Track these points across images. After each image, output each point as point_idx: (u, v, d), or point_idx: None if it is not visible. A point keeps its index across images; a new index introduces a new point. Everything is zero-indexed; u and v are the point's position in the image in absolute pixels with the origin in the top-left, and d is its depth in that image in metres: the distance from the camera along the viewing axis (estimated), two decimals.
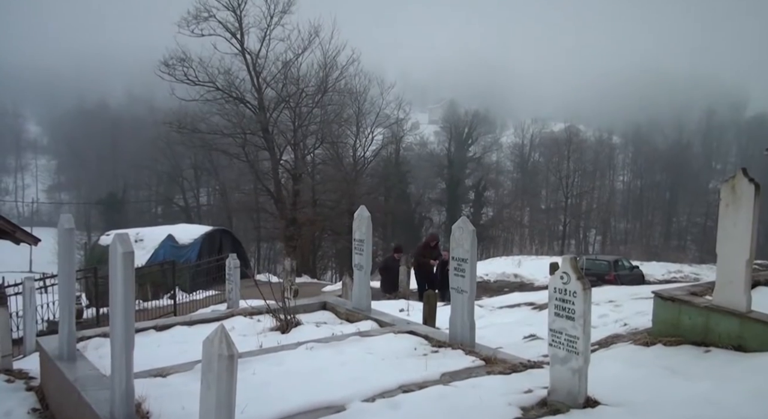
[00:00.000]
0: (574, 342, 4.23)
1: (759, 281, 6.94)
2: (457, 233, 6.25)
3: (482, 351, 5.83)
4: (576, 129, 78.39)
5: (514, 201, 69.39)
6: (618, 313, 8.60)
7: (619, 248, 59.89)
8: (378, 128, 46.86)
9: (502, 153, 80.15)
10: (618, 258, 26.14)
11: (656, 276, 27.77)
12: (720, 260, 5.68)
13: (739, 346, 5.27)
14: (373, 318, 7.47)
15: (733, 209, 5.50)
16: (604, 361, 5.31)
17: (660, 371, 4.87)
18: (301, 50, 34.92)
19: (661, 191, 79.18)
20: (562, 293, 4.34)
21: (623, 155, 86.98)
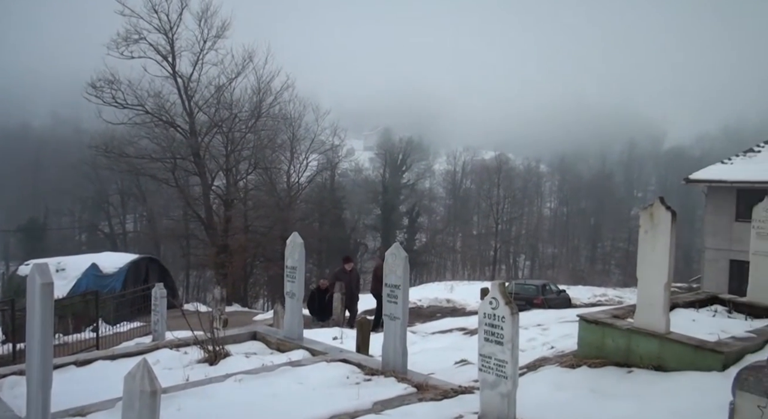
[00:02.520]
0: (503, 366, 4.30)
1: (677, 304, 7.27)
2: (390, 259, 6.28)
3: (414, 378, 5.83)
4: (506, 157, 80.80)
5: (447, 227, 70.53)
6: (545, 336, 8.81)
7: (547, 273, 61.65)
8: (313, 154, 46.74)
9: (435, 180, 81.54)
10: (546, 283, 26.85)
11: (582, 300, 28.69)
12: (640, 283, 5.92)
13: (659, 366, 5.48)
14: (305, 346, 7.35)
15: (652, 236, 5.76)
16: (532, 384, 5.41)
17: (585, 392, 5.00)
18: (235, 75, 34.62)
19: (586, 217, 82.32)
20: (491, 319, 4.41)
21: (550, 183, 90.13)
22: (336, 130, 49.69)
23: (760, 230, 7.66)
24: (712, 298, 8.01)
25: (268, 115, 36.50)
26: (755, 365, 2.93)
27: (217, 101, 34.55)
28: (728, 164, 26.36)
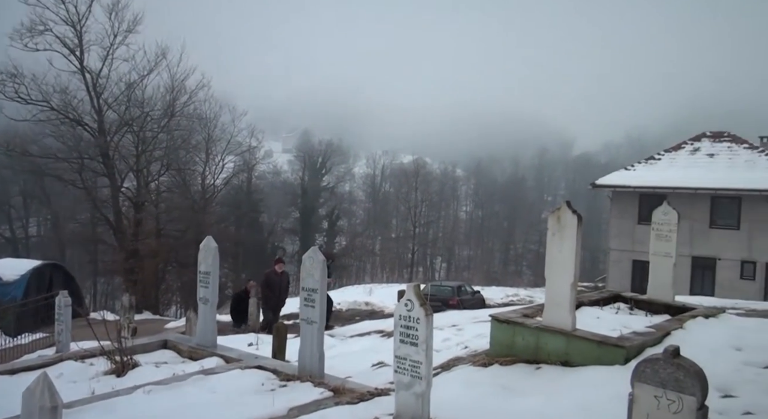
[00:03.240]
0: (418, 367, 4.35)
1: (583, 302, 7.63)
2: (307, 263, 6.23)
3: (331, 382, 5.81)
4: (423, 161, 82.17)
5: (366, 230, 70.86)
6: (460, 336, 9.00)
7: (463, 274, 63.14)
8: (229, 156, 45.75)
9: (354, 183, 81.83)
10: (461, 284, 27.48)
11: (496, 300, 29.57)
12: (548, 283, 6.16)
13: (566, 362, 5.73)
14: (219, 354, 7.16)
15: (559, 238, 6.01)
16: (446, 383, 5.51)
17: (496, 389, 5.15)
18: (147, 72, 33.34)
19: (500, 220, 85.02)
20: (407, 320, 4.46)
21: (466, 187, 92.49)
22: (253, 131, 48.98)
23: (659, 232, 8.16)
24: (615, 296, 8.45)
25: (182, 114, 35.42)
26: (652, 358, 3.11)
27: (127, 99, 33.13)
28: (631, 171, 27.98)
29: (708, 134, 28.73)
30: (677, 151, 28.34)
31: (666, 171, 26.88)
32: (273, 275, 13.71)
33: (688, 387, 2.93)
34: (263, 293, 14.01)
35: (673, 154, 28.19)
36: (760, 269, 24.89)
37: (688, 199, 25.06)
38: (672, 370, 2.98)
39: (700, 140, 28.56)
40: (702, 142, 28.32)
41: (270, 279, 13.67)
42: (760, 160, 26.15)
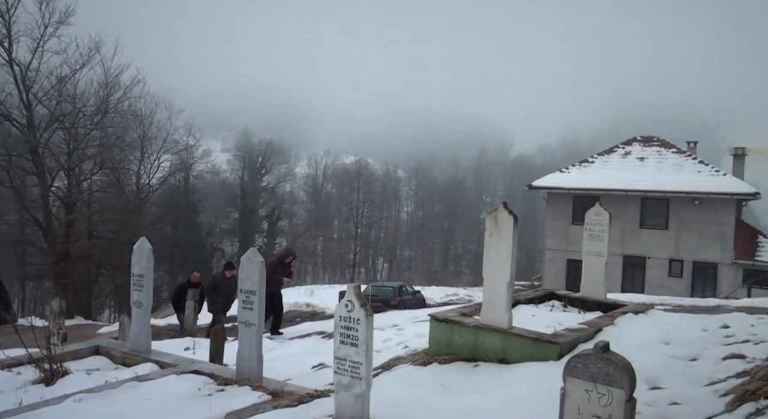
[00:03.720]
0: (358, 367, 4.36)
1: (519, 301, 7.81)
2: (246, 264, 6.14)
3: (270, 385, 5.74)
4: (365, 162, 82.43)
5: (308, 231, 70.44)
6: (400, 336, 9.06)
7: (404, 275, 63.69)
8: (165, 154, 44.46)
9: (296, 183, 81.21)
10: (402, 284, 27.72)
11: (436, 299, 29.95)
12: (486, 283, 6.28)
13: (503, 359, 5.86)
14: (154, 359, 6.96)
15: (496, 238, 6.13)
16: (386, 383, 5.53)
17: (435, 388, 5.21)
18: (80, 66, 32.02)
19: (440, 220, 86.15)
20: (347, 321, 4.46)
21: (407, 188, 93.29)
22: (191, 129, 47.83)
23: (591, 232, 8.45)
24: (550, 294, 8.70)
25: (116, 111, 34.23)
26: (583, 353, 3.21)
27: (58, 94, 31.72)
28: (566, 173, 28.88)
29: (639, 139, 29.98)
30: (610, 154, 29.43)
31: (599, 173, 27.88)
32: (221, 279, 13.23)
33: (617, 380, 3.05)
34: (209, 296, 13.46)
35: (605, 157, 29.26)
36: (687, 267, 26.15)
37: (619, 200, 26.08)
38: (602, 365, 3.09)
39: (631, 144, 29.77)
40: (633, 146, 29.52)
41: (217, 282, 13.20)
42: (687, 163, 27.48)
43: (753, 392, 4.21)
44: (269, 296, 12.40)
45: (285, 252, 12.91)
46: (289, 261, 12.56)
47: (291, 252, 13.03)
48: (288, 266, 12.52)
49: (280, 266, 12.26)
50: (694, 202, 25.69)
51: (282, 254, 12.89)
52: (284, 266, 12.37)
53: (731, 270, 25.48)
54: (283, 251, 13.32)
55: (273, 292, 12.10)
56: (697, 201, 25.61)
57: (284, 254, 12.72)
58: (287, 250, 13.31)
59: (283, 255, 12.69)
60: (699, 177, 26.31)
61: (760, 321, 7.65)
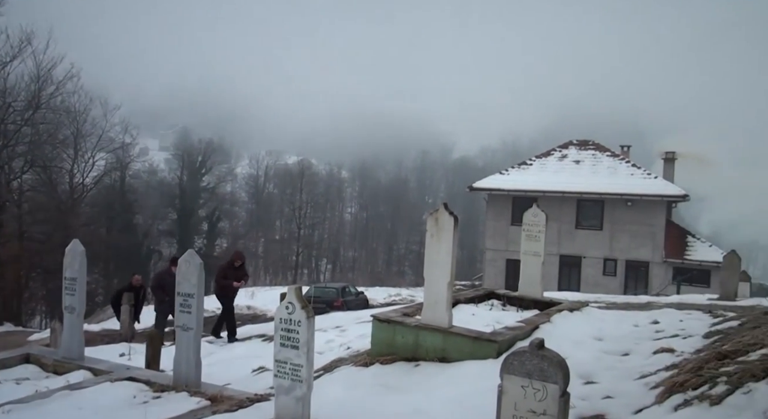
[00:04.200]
0: (299, 370, 4.32)
1: (459, 300, 7.92)
2: (183, 266, 6.00)
3: (208, 390, 5.63)
4: (309, 162, 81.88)
5: (249, 232, 69.38)
6: (343, 337, 9.05)
7: (348, 276, 63.57)
8: (100, 153, 43.01)
9: (236, 184, 79.81)
10: (345, 285, 27.70)
11: (379, 300, 30.06)
12: (427, 283, 6.35)
13: (443, 358, 5.93)
14: (87, 366, 6.72)
15: (437, 239, 6.20)
16: (328, 385, 5.51)
17: (377, 388, 5.22)
18: (10, 58, 30.64)
19: (384, 221, 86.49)
20: (288, 323, 4.41)
21: (351, 189, 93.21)
22: (127, 127, 46.39)
23: (529, 232, 8.66)
24: (489, 293, 8.86)
25: (48, 106, 32.90)
26: (519, 350, 3.29)
27: None
28: (506, 175, 29.51)
29: (575, 142, 30.94)
30: (547, 157, 30.25)
31: (537, 176, 28.62)
32: (167, 276, 12.29)
33: (552, 376, 3.13)
34: (155, 296, 12.73)
35: (543, 160, 30.06)
36: (621, 266, 27.17)
37: (556, 202, 26.84)
38: (537, 361, 3.17)
39: (567, 147, 30.69)
40: (569, 149, 30.44)
41: (163, 280, 12.38)
42: (621, 167, 28.55)
43: (681, 384, 4.41)
44: (228, 299, 12.06)
45: (234, 255, 12.58)
46: (240, 264, 12.26)
47: (239, 254, 12.66)
48: (240, 269, 12.22)
49: (231, 270, 11.99)
50: (627, 203, 26.71)
51: (231, 257, 12.55)
52: (235, 269, 12.08)
53: (662, 268, 26.63)
54: (232, 254, 12.87)
55: (229, 296, 12.06)
56: (629, 203, 26.64)
57: (233, 258, 12.41)
58: (236, 253, 12.87)
59: (232, 259, 12.38)
60: (632, 180, 27.38)
61: (688, 316, 8.02)
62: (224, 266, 12.31)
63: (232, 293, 12.07)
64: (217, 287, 12.38)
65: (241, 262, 12.28)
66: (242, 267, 12.34)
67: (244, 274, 12.35)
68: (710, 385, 4.19)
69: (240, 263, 12.25)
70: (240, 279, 12.08)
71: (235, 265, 12.13)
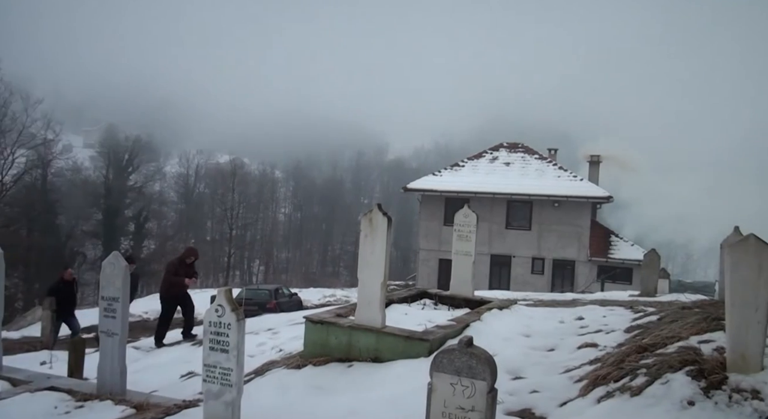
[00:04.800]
0: (228, 374, 4.24)
1: (393, 300, 7.99)
2: (108, 269, 5.78)
3: (134, 398, 5.44)
4: (241, 162, 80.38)
5: (179, 233, 67.42)
6: (275, 340, 8.94)
7: (281, 277, 62.88)
8: (21, 149, 40.88)
9: (165, 183, 77.48)
10: (278, 287, 27.37)
11: (313, 301, 29.89)
12: (360, 283, 6.37)
13: (376, 358, 5.97)
14: (5, 376, 6.38)
15: (371, 239, 6.23)
16: (259, 389, 5.44)
17: (309, 390, 5.19)
18: None
19: (319, 222, 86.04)
20: (217, 327, 4.33)
21: (285, 189, 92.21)
22: (50, 122, 44.23)
23: (460, 233, 8.81)
24: (422, 293, 8.98)
25: None
26: (449, 348, 3.35)
27: None
28: (438, 176, 29.94)
29: (505, 145, 31.75)
30: (479, 159, 30.91)
31: (469, 177, 29.19)
32: (62, 285, 11.97)
33: (480, 373, 3.20)
34: None
35: (475, 161, 30.69)
36: (548, 265, 28.07)
37: (487, 203, 27.46)
38: (466, 359, 3.23)
39: (498, 149, 31.47)
40: (500, 151, 31.22)
41: (57, 289, 11.91)
42: (548, 169, 29.51)
43: (604, 377, 4.61)
44: (174, 299, 11.45)
45: (186, 251, 11.97)
46: (191, 261, 11.67)
47: (193, 251, 12.03)
48: (191, 267, 11.65)
49: (182, 267, 11.42)
50: (554, 204, 27.63)
51: (183, 253, 11.95)
52: (186, 266, 11.51)
53: (587, 267, 27.69)
54: (184, 250, 12.22)
55: (178, 295, 11.45)
56: (556, 204, 27.57)
57: (185, 254, 11.82)
58: (189, 249, 12.23)
59: (184, 255, 11.78)
60: (559, 182, 28.34)
61: (610, 312, 8.37)
62: (174, 263, 11.68)
63: (181, 293, 11.47)
64: (164, 285, 11.64)
65: (193, 259, 11.71)
66: (193, 265, 11.77)
67: (195, 272, 11.81)
68: (631, 377, 4.40)
69: (192, 260, 11.68)
70: (191, 277, 11.53)
71: (187, 262, 11.57)
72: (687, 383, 3.99)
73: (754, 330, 4.00)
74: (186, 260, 11.57)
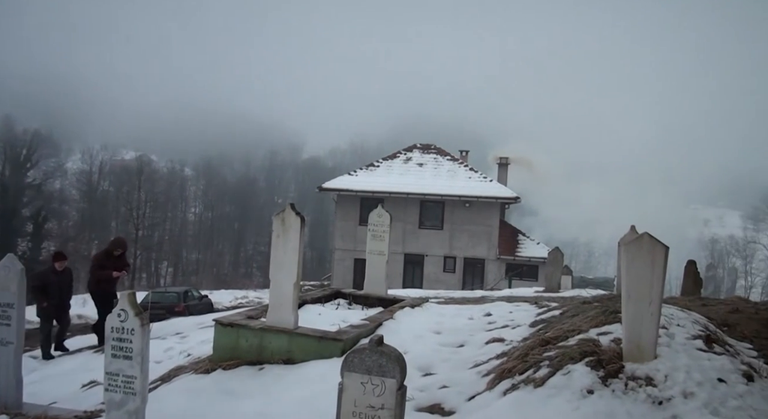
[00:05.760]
0: (132, 382, 4.08)
1: (306, 300, 7.94)
2: (2, 273, 5.43)
3: (31, 411, 5.15)
4: (148, 159, 77.29)
5: (81, 234, 63.88)
6: (183, 344, 8.67)
7: (191, 279, 61.03)
8: None
9: (67, 180, 73.35)
10: (188, 289, 26.49)
11: (225, 303, 29.18)
12: (272, 284, 6.29)
13: (289, 359, 5.92)
14: None
15: (283, 240, 6.17)
16: (166, 396, 5.26)
17: (219, 395, 5.08)
18: None
19: (231, 222, 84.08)
20: (120, 332, 4.16)
21: (195, 187, 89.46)
22: None
23: (374, 232, 8.89)
24: (336, 293, 8.99)
25: None
26: (359, 348, 3.38)
27: None
28: (354, 176, 30.04)
29: (419, 146, 32.31)
30: (393, 159, 31.29)
31: (384, 177, 29.49)
32: (51, 275, 10.68)
33: (390, 370, 3.26)
34: (36, 300, 10.70)
35: (390, 162, 31.05)
36: (459, 264, 28.83)
37: (401, 203, 27.86)
38: (376, 357, 3.28)
39: (412, 150, 31.98)
40: (414, 152, 31.74)
41: (47, 279, 10.64)
42: (460, 170, 30.31)
43: (509, 370, 4.79)
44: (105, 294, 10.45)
45: (113, 243, 11.15)
46: (120, 253, 10.89)
47: (121, 242, 11.27)
48: (120, 258, 10.86)
49: (109, 260, 10.61)
50: (465, 205, 28.41)
51: (109, 245, 11.08)
52: (114, 258, 10.71)
53: (496, 265, 28.66)
54: (111, 241, 11.37)
55: (108, 289, 10.58)
56: (467, 204, 28.37)
57: (112, 245, 11.00)
58: (116, 240, 11.41)
59: (110, 247, 10.96)
60: (470, 183, 29.17)
61: (517, 308, 8.69)
62: (100, 256, 10.87)
63: (111, 286, 10.65)
64: (92, 280, 10.73)
65: (121, 251, 10.94)
66: (123, 257, 10.99)
67: (125, 264, 11.01)
68: (535, 369, 4.60)
69: (120, 252, 10.90)
70: (121, 269, 10.74)
71: (115, 254, 10.74)
72: (586, 373, 4.22)
73: (648, 321, 4.28)
74: (114, 252, 10.80)
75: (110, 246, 11.02)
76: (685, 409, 3.74)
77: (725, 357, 4.40)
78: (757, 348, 4.99)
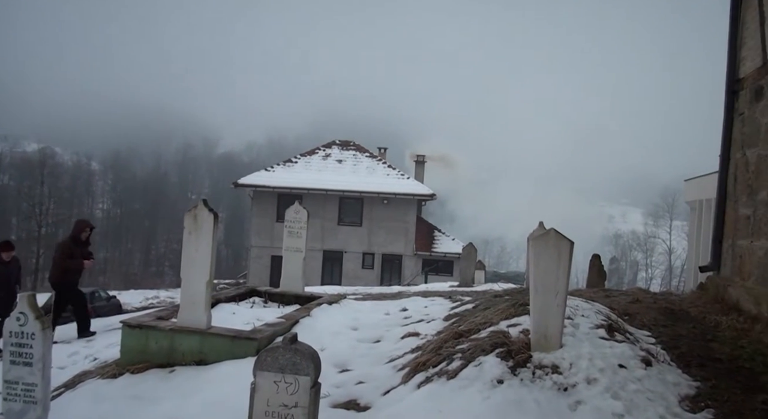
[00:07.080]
0: (32, 390, 3.87)
1: (220, 299, 7.76)
2: None
3: None
4: (52, 151, 73.10)
5: None
6: (90, 348, 8.28)
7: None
8: None
9: None
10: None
11: (134, 304, 28.10)
12: (184, 283, 6.11)
13: (201, 360, 5.76)
14: None
15: (195, 237, 6.01)
16: (70, 403, 5.01)
17: (127, 400, 4.89)
18: None
19: (141, 218, 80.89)
20: (19, 337, 3.92)
21: (103, 182, 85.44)
22: None
23: (291, 229, 8.80)
24: (251, 291, 8.83)
25: None
26: (272, 346, 3.35)
27: None
28: (271, 172, 29.63)
29: (338, 142, 32.28)
30: (312, 155, 31.11)
31: (302, 173, 29.27)
32: None
33: (303, 368, 3.25)
34: None
35: (308, 158, 30.84)
36: (377, 260, 29.07)
37: (320, 199, 27.75)
38: (290, 356, 3.26)
39: (331, 147, 31.91)
40: (333, 149, 31.67)
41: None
42: (378, 167, 30.54)
43: (423, 363, 4.89)
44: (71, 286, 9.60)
45: (78, 225, 9.87)
46: (87, 236, 9.71)
47: (86, 223, 9.99)
48: (86, 244, 9.74)
49: (77, 247, 9.52)
50: (383, 202, 28.67)
51: (74, 229, 9.79)
52: (82, 244, 9.63)
53: (413, 260, 29.11)
54: (75, 225, 9.98)
55: (76, 282, 9.67)
56: (386, 201, 28.64)
57: (78, 229, 9.76)
58: (80, 222, 10.08)
59: (76, 231, 9.71)
60: (388, 180, 29.46)
61: (432, 302, 8.86)
62: (67, 243, 9.62)
63: (76, 277, 9.73)
64: (57, 271, 9.68)
65: (89, 232, 9.79)
66: (88, 242, 9.82)
67: (90, 253, 9.93)
68: (448, 362, 4.71)
69: (87, 235, 9.76)
70: (88, 257, 9.73)
71: (82, 238, 9.69)
72: (497, 363, 4.37)
73: (554, 312, 4.48)
74: (81, 236, 9.68)
75: (75, 230, 9.81)
76: (589, 394, 3.94)
77: (626, 345, 4.67)
78: (655, 336, 5.32)
